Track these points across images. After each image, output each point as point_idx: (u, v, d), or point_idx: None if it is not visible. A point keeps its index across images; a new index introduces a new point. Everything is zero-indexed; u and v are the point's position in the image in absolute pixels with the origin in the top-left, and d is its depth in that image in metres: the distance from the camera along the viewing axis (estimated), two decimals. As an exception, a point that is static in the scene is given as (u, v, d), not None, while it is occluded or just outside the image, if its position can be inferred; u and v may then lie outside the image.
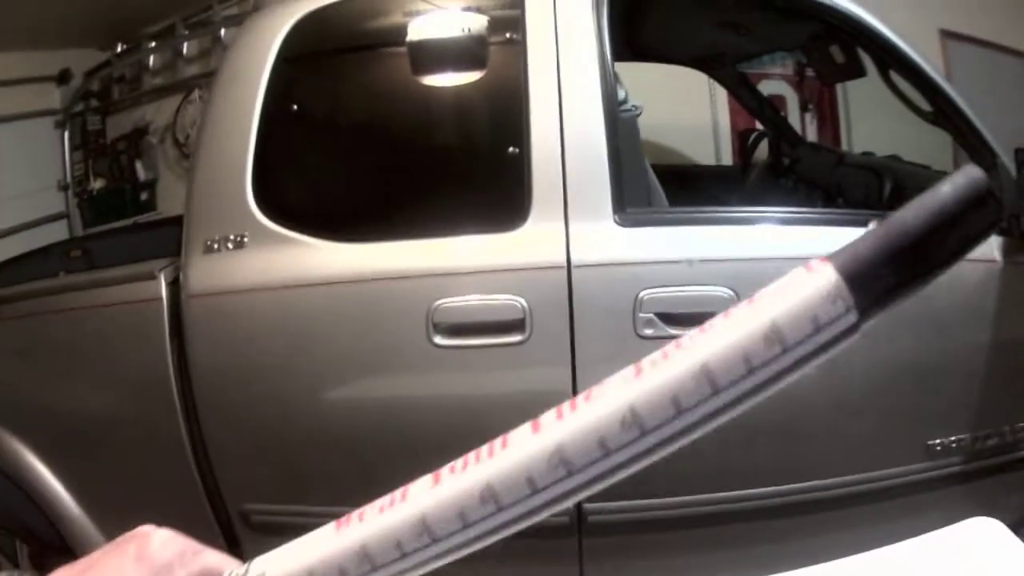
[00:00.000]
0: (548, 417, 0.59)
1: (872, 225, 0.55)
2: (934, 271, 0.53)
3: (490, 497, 0.58)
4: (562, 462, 0.56)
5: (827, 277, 0.53)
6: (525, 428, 0.59)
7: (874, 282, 0.53)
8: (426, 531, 0.61)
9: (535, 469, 0.57)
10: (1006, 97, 6.49)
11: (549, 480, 0.57)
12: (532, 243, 2.89)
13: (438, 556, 0.63)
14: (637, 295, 2.82)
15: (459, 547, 0.62)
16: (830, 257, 0.54)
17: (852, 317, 0.52)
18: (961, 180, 0.54)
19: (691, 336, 0.56)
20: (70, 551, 3.13)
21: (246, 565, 0.71)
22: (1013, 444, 3.16)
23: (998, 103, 5.37)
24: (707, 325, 0.56)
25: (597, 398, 0.57)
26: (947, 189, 0.54)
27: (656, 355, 0.56)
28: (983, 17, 7.41)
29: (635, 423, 0.55)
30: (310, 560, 0.66)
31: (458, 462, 0.61)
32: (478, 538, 0.62)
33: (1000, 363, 3.09)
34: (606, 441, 0.55)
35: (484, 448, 0.61)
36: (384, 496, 0.64)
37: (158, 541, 0.74)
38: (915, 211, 0.54)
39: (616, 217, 2.89)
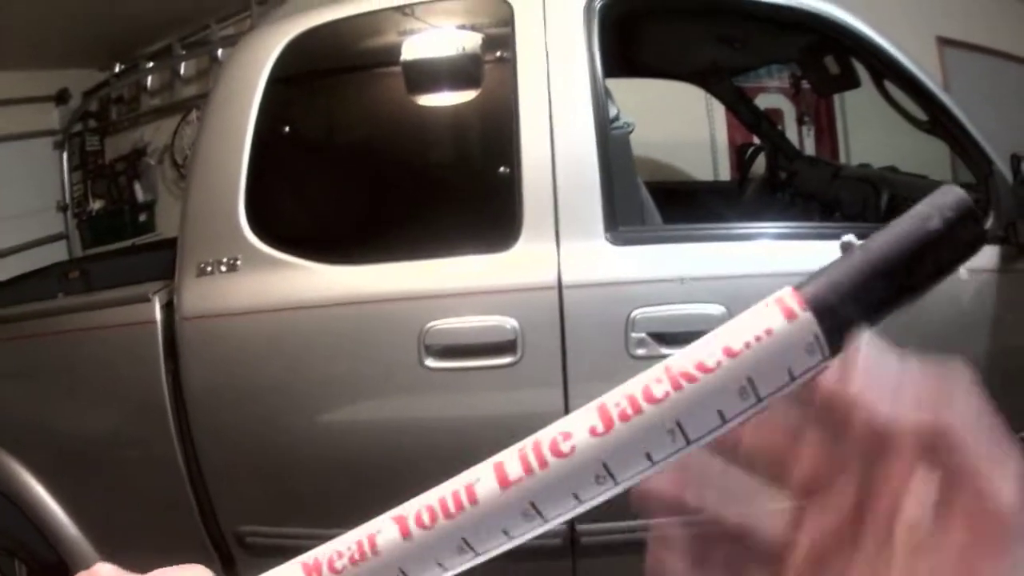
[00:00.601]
0: (514, 469, 0.56)
1: (847, 247, 0.52)
2: (912, 298, 0.53)
3: (466, 548, 0.57)
4: (536, 513, 0.55)
5: (806, 327, 0.51)
6: (491, 483, 0.57)
7: (849, 321, 0.52)
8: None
9: (509, 522, 0.56)
10: (1005, 103, 6.49)
11: (521, 531, 0.57)
12: (523, 263, 2.88)
13: None
14: (629, 314, 2.81)
15: None
16: (805, 295, 0.51)
17: (825, 362, 0.52)
18: (941, 200, 0.53)
19: (663, 386, 0.52)
20: (68, 572, 3.13)
21: None
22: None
23: (997, 109, 5.37)
24: (677, 373, 0.54)
25: (567, 455, 0.54)
26: (926, 210, 0.53)
27: (625, 404, 0.53)
28: (981, 23, 7.41)
29: (608, 477, 0.54)
30: None
31: (424, 513, 0.58)
32: None
33: (998, 372, 3.08)
34: (579, 494, 0.55)
35: (448, 498, 0.58)
36: (345, 540, 0.60)
37: None
38: (894, 237, 0.52)
39: (608, 235, 2.88)
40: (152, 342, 2.98)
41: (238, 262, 2.97)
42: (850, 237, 0.53)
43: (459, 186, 3.42)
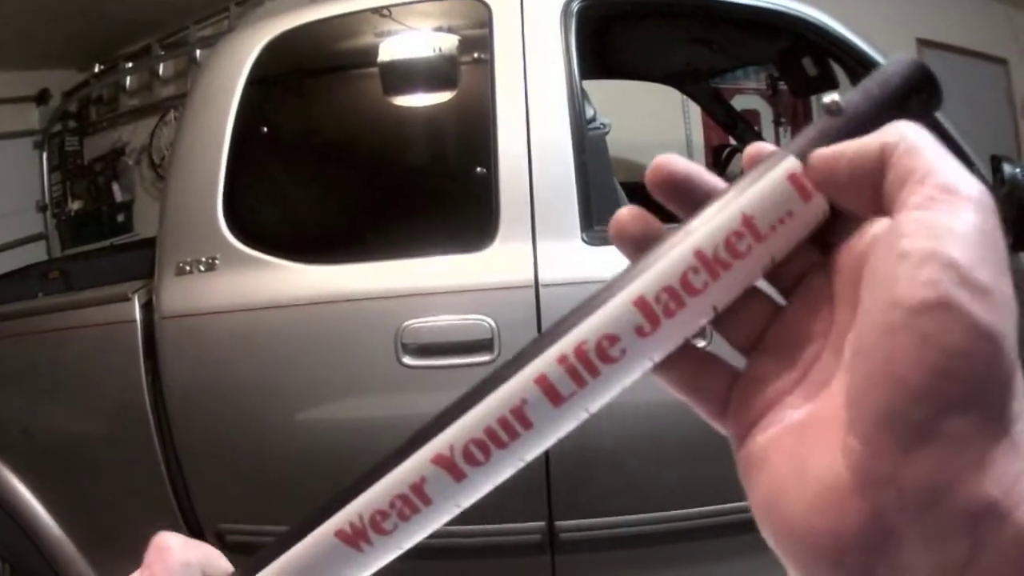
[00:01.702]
0: (564, 385, 0.54)
1: (834, 108, 0.53)
2: None
3: (519, 462, 0.56)
4: (585, 414, 0.54)
5: (819, 208, 0.51)
6: (543, 403, 0.54)
7: None
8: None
9: (562, 431, 0.55)
10: (983, 103, 6.53)
11: (569, 429, 0.55)
12: (500, 263, 2.90)
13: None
14: (605, 314, 2.82)
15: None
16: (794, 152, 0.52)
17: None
18: (903, 64, 0.55)
19: (702, 276, 0.52)
20: (53, 573, 3.14)
21: None
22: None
23: (975, 109, 5.40)
24: (712, 257, 0.52)
25: (617, 359, 0.53)
26: (891, 71, 0.54)
27: (667, 299, 0.52)
28: (960, 24, 7.45)
29: (651, 364, 0.54)
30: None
31: (474, 449, 0.55)
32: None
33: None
34: (624, 387, 0.54)
35: (497, 428, 0.55)
36: (380, 495, 0.58)
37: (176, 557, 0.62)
38: (862, 96, 0.54)
39: (584, 236, 2.91)
40: (132, 341, 2.99)
41: (216, 261, 2.98)
42: (834, 95, 0.54)
43: (436, 186, 3.43)
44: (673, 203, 0.56)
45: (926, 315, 0.39)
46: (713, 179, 0.56)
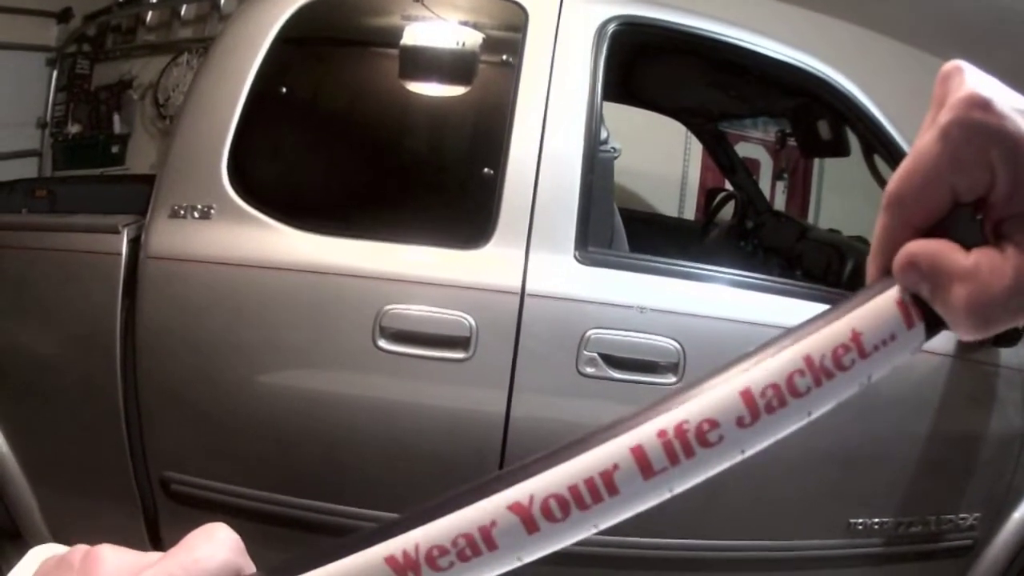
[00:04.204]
0: (658, 458, 0.55)
1: None
2: None
3: (593, 529, 0.55)
4: (668, 492, 0.55)
5: (918, 337, 0.56)
6: (633, 472, 0.55)
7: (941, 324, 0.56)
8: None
9: (643, 506, 0.56)
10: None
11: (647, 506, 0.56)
12: (491, 265, 2.92)
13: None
14: (584, 333, 2.85)
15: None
16: (921, 307, 0.56)
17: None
18: None
19: (806, 380, 0.55)
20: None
21: None
22: (936, 534, 3.23)
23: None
24: (819, 366, 0.55)
25: (714, 444, 0.55)
26: None
27: (772, 396, 0.55)
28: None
29: (741, 456, 0.56)
30: None
31: (553, 505, 0.54)
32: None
33: (934, 455, 3.15)
34: (711, 474, 0.56)
35: (583, 489, 0.55)
36: (444, 532, 0.55)
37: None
38: None
39: (577, 253, 2.93)
40: (114, 274, 2.98)
41: (212, 211, 2.98)
42: None
43: (441, 178, 3.46)
44: None
45: None
46: None
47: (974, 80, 0.56)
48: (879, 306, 0.56)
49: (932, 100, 0.58)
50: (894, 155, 3.29)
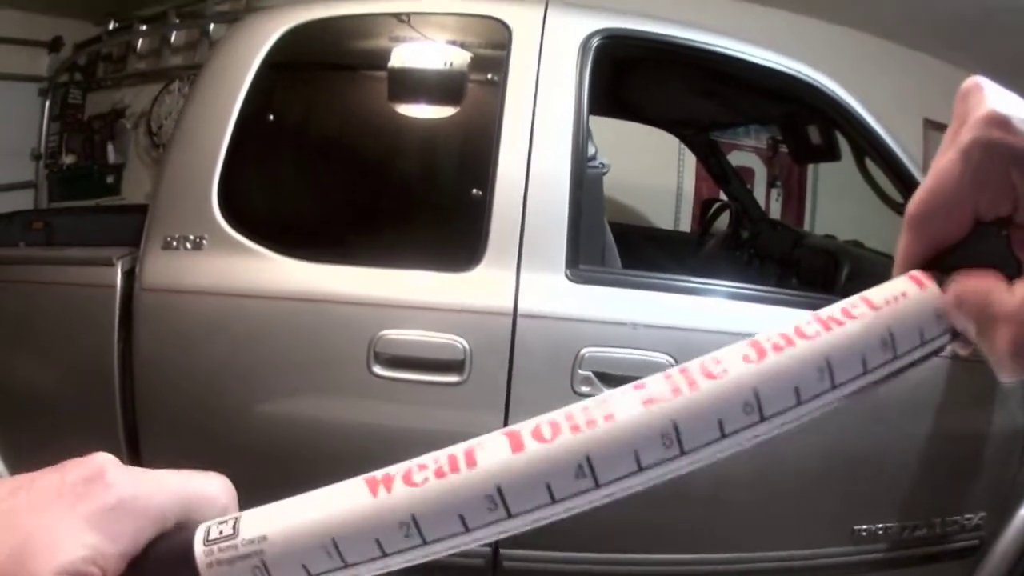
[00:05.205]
0: (659, 389, 0.55)
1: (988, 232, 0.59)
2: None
3: (587, 471, 0.54)
4: (675, 440, 0.53)
5: (933, 296, 0.56)
6: (632, 397, 0.55)
7: None
8: (501, 505, 0.54)
9: (640, 444, 0.53)
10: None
11: (653, 459, 0.54)
12: (482, 287, 2.92)
13: (504, 532, 0.56)
14: (578, 351, 2.85)
15: (533, 522, 0.56)
16: (934, 276, 0.58)
17: (946, 338, 0.56)
18: None
19: (814, 326, 0.56)
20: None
21: (231, 520, 0.59)
22: (942, 536, 3.22)
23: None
24: (826, 317, 0.56)
25: (717, 376, 0.54)
26: None
27: (777, 337, 0.56)
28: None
29: (756, 409, 0.54)
30: (331, 524, 0.56)
31: (545, 427, 0.54)
32: (558, 515, 0.56)
33: (937, 456, 3.14)
34: (725, 424, 0.54)
35: (577, 413, 0.55)
36: (431, 455, 0.57)
37: (114, 480, 0.57)
38: None
39: (568, 272, 2.93)
40: (109, 307, 2.99)
41: (204, 241, 2.99)
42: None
43: (430, 201, 3.46)
44: None
45: None
46: None
47: (994, 97, 0.56)
48: (884, 284, 0.58)
49: (953, 118, 0.59)
50: (884, 157, 3.30)
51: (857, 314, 0.55)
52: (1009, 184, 0.55)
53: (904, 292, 0.56)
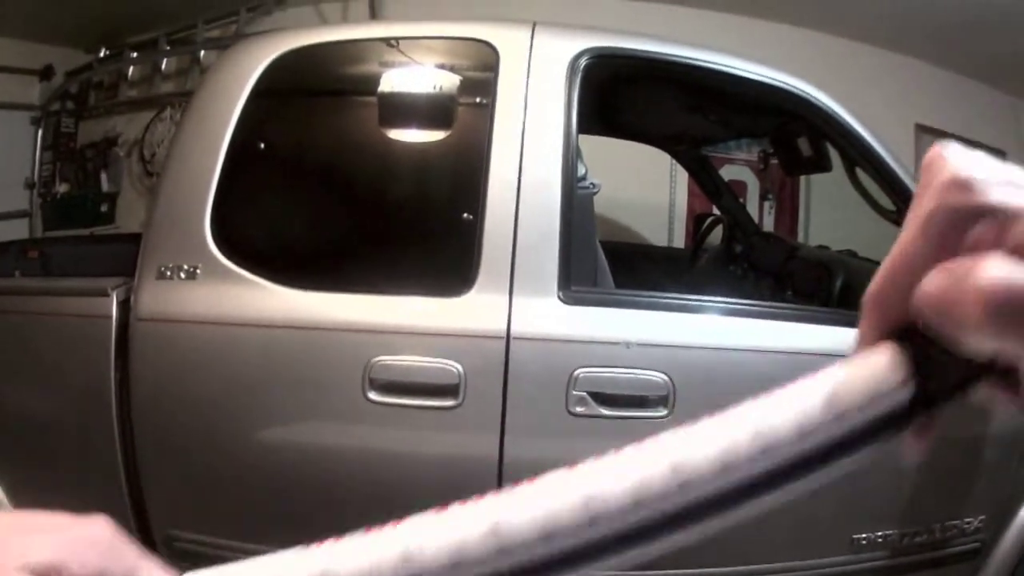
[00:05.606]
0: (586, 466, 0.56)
1: None
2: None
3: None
4: (593, 520, 0.54)
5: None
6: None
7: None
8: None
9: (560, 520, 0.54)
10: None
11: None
12: (475, 310, 2.92)
13: None
14: (572, 372, 2.86)
15: None
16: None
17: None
18: None
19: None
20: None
21: None
22: (942, 541, 3.21)
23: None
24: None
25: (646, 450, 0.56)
26: None
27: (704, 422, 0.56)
28: (960, 113, 7.51)
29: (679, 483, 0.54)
30: None
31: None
32: None
33: (937, 460, 3.13)
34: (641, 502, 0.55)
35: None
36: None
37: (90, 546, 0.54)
38: None
39: (560, 293, 2.93)
40: (105, 337, 3.00)
41: (198, 271, 3.00)
42: None
43: (421, 226, 3.46)
44: None
45: None
46: None
47: (955, 162, 0.56)
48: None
49: (916, 191, 0.58)
50: (874, 165, 3.30)
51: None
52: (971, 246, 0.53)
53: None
